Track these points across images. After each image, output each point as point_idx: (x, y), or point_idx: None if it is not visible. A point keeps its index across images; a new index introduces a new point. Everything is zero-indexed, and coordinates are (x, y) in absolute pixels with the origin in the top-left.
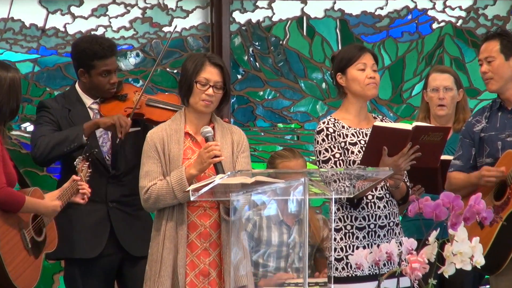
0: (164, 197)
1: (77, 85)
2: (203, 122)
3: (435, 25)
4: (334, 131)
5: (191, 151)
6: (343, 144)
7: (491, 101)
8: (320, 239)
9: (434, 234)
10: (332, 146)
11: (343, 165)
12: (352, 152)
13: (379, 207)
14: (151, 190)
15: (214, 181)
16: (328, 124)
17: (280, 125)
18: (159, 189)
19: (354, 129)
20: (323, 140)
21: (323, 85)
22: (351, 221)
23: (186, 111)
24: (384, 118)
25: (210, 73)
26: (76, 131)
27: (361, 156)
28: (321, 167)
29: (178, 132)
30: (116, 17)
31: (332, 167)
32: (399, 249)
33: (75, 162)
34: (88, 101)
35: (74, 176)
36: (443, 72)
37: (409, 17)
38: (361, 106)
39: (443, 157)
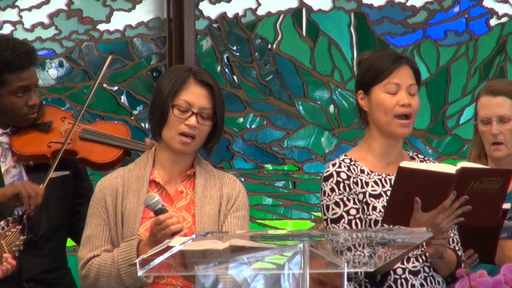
0: (107, 279)
1: None
2: (180, 166)
3: (493, 22)
4: (349, 177)
5: None
6: (361, 196)
7: None
8: None
9: None
10: (345, 199)
11: (361, 226)
12: (374, 208)
13: (413, 286)
14: (90, 265)
15: (170, 247)
16: (340, 167)
17: (269, 166)
18: (101, 266)
19: (379, 174)
20: (332, 189)
21: (331, 108)
22: None
23: (157, 149)
24: (426, 158)
25: (195, 95)
26: None
27: None
28: (329, 229)
29: (139, 180)
30: (30, 9)
31: (344, 228)
32: None
33: None
34: None
35: None
36: (496, 95)
37: (456, 9)
38: (389, 142)
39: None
